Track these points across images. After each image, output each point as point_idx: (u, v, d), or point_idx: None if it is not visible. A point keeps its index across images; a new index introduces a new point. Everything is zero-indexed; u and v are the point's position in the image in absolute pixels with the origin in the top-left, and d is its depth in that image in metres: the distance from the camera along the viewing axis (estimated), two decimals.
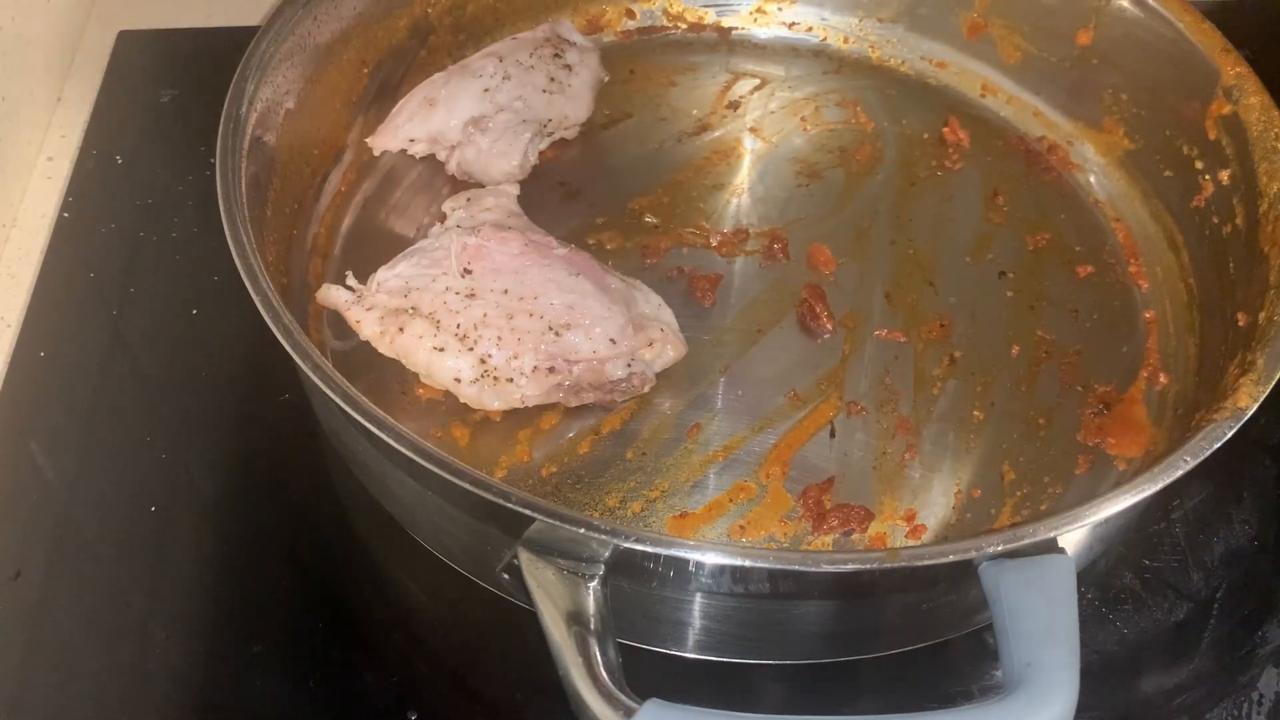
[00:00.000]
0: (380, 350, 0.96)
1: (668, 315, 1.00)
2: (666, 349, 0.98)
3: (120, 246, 1.12)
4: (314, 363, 0.80)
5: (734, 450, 0.96)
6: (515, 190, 1.08)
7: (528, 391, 0.94)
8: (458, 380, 0.94)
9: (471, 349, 0.94)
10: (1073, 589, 0.75)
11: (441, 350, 0.94)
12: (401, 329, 0.95)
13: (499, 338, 0.94)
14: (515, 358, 0.93)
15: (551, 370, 0.93)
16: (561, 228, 1.07)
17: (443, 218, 1.07)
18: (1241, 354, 0.90)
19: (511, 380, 0.93)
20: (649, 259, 1.08)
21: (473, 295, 0.96)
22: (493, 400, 0.94)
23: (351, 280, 1.00)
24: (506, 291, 0.96)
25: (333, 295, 0.99)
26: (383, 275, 0.99)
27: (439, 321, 0.95)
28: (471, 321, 0.94)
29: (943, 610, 0.87)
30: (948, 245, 1.08)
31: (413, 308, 0.96)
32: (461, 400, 0.94)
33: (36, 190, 1.18)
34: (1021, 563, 0.75)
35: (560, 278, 0.97)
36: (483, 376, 0.93)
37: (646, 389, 0.97)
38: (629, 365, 0.95)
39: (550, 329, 0.94)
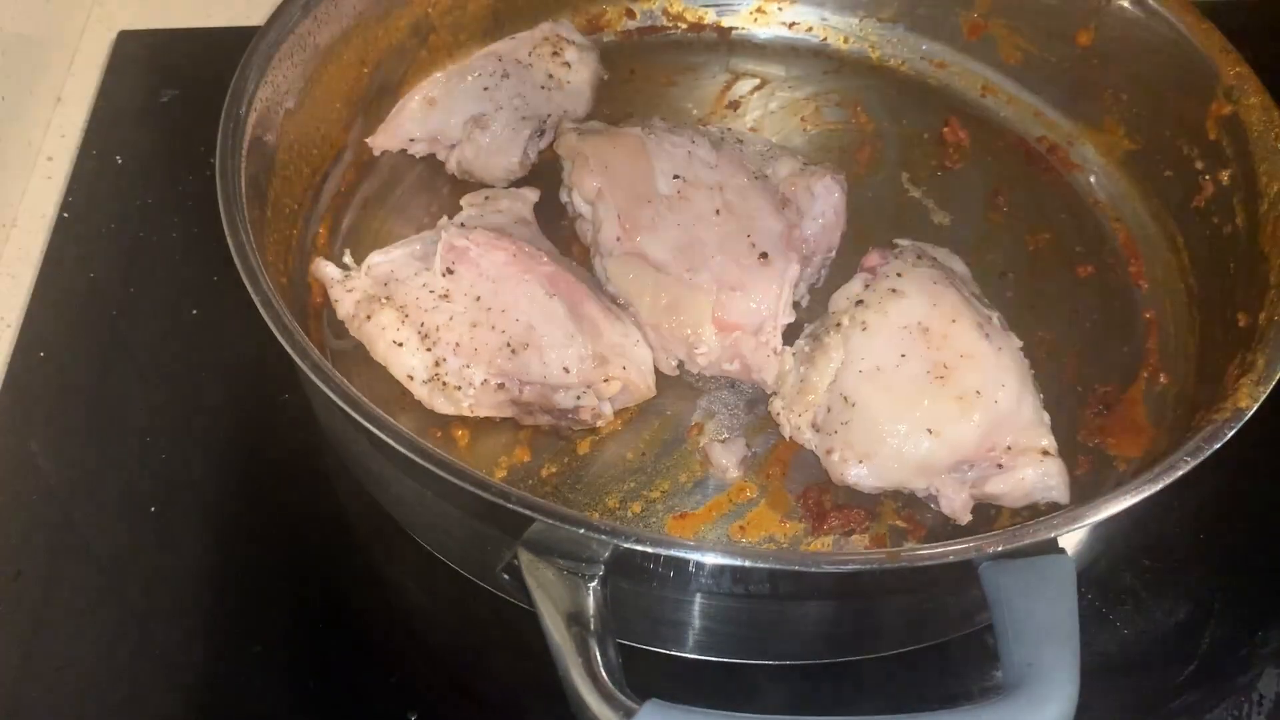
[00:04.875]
0: (350, 332, 0.97)
1: (641, 354, 0.97)
2: (627, 389, 0.95)
3: (120, 246, 1.12)
4: (314, 363, 0.80)
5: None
6: (534, 197, 1.07)
7: (476, 402, 0.93)
8: (410, 377, 0.94)
9: (429, 350, 0.94)
10: (1073, 589, 0.75)
11: (400, 345, 0.94)
12: (369, 316, 0.95)
13: (457, 344, 0.93)
14: (468, 367, 0.93)
15: (501, 386, 0.93)
16: (559, 229, 1.08)
17: (456, 212, 1.07)
18: (1241, 354, 0.90)
19: (460, 388, 0.93)
20: None
21: (446, 296, 0.95)
22: (442, 404, 0.93)
23: (348, 259, 1.02)
24: (479, 299, 0.95)
25: (323, 270, 1.00)
26: (375, 259, 0.99)
27: (407, 315, 0.95)
28: (436, 323, 0.94)
29: (943, 610, 0.87)
30: (948, 245, 1.08)
31: (387, 297, 0.96)
32: (415, 397, 0.94)
33: (36, 190, 1.18)
34: (1021, 563, 0.75)
35: (534, 294, 0.96)
36: (433, 379, 0.93)
37: (599, 424, 0.95)
38: (579, 398, 0.93)
39: (508, 345, 0.93)
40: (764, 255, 0.98)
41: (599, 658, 0.73)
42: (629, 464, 0.95)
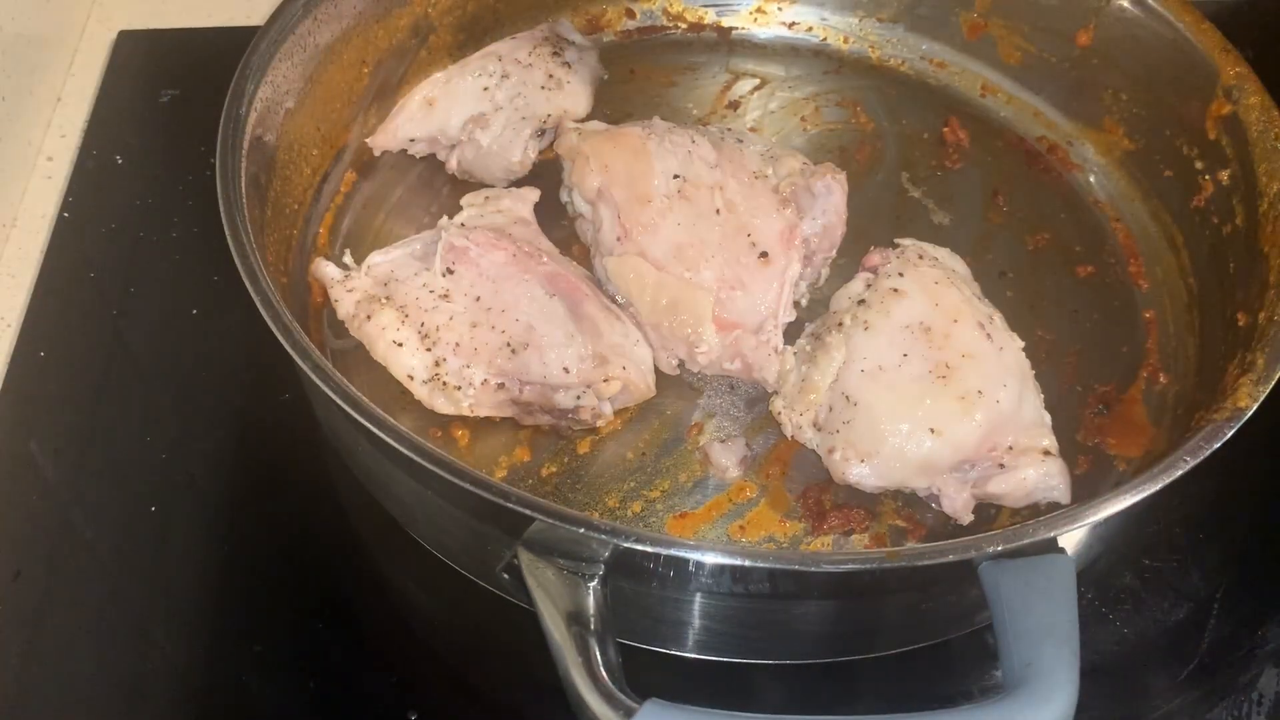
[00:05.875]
0: (350, 332, 0.97)
1: (641, 354, 0.97)
2: (627, 389, 0.95)
3: (120, 246, 1.12)
4: (314, 363, 0.80)
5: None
6: (534, 197, 1.07)
7: (476, 401, 0.93)
8: (410, 377, 0.94)
9: (429, 350, 0.94)
10: (1073, 589, 0.75)
11: (400, 345, 0.94)
12: (369, 316, 0.95)
13: (456, 344, 0.93)
14: (468, 367, 0.93)
15: (501, 386, 0.93)
16: (559, 229, 1.08)
17: (456, 212, 1.07)
18: (1241, 354, 0.90)
19: (460, 389, 0.93)
20: None
21: (446, 297, 0.96)
22: (442, 404, 0.93)
23: (348, 259, 1.02)
24: (479, 299, 0.95)
25: (323, 270, 1.00)
26: (375, 259, 1.00)
27: (407, 315, 0.95)
28: (436, 323, 0.94)
29: (943, 610, 0.87)
30: (948, 245, 1.08)
31: (387, 297, 0.96)
32: (415, 397, 0.94)
33: (36, 190, 1.18)
34: (1021, 563, 0.75)
35: (534, 294, 0.96)
36: (433, 379, 0.93)
37: (599, 424, 0.95)
38: (579, 398, 0.93)
39: (508, 345, 0.93)
40: (764, 254, 0.98)
41: (599, 657, 0.73)
42: (629, 464, 0.95)
